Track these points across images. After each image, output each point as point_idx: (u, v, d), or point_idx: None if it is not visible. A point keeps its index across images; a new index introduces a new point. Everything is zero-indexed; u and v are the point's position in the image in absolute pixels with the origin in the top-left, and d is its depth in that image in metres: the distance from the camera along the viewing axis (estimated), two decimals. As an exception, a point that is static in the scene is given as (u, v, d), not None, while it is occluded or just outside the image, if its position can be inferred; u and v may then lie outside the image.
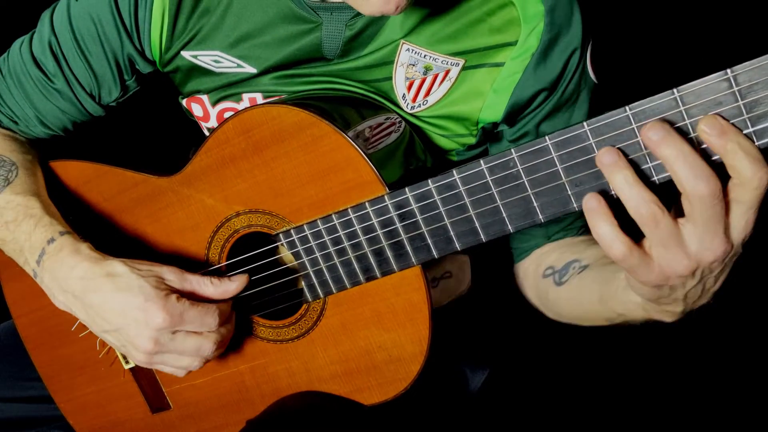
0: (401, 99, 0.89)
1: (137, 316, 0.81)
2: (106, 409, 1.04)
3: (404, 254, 0.79)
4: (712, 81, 0.60)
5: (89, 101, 0.98)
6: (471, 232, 0.75)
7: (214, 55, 0.92)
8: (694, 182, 0.58)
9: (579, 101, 0.88)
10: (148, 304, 0.80)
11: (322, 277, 0.84)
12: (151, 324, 0.80)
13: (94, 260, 0.84)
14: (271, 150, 0.83)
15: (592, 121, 0.66)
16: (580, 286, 0.86)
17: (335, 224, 0.81)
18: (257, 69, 0.91)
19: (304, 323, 0.88)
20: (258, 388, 0.94)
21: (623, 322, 0.81)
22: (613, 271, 0.79)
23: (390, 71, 0.87)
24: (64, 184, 0.98)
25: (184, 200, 0.91)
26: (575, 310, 0.88)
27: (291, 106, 0.81)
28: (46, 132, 1.02)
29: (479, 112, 0.87)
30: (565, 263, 0.90)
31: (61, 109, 0.98)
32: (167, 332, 0.81)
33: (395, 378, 0.85)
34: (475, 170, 0.72)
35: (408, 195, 0.76)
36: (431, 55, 0.85)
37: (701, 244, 0.61)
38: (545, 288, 0.93)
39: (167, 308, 0.80)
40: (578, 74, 0.86)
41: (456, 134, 0.89)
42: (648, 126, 0.60)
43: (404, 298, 0.82)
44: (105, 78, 0.96)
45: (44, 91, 0.97)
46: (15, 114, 1.00)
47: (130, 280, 0.82)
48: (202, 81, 0.96)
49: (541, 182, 0.69)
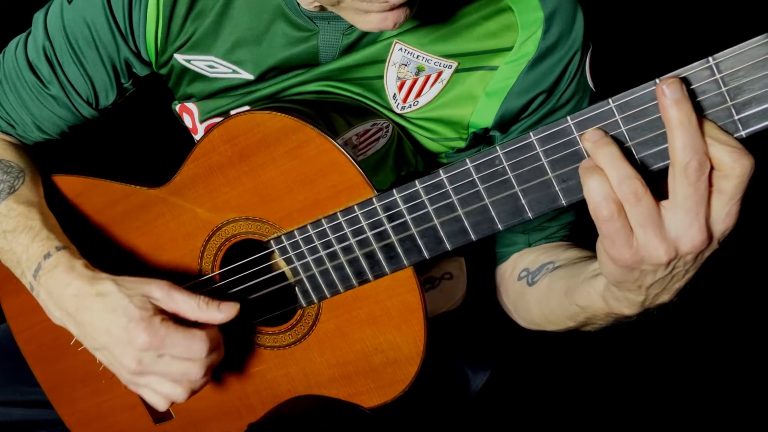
0: (391, 99, 0.88)
1: (121, 336, 0.81)
2: (109, 421, 1.04)
3: (395, 256, 0.78)
4: (694, 69, 0.59)
5: (85, 107, 0.97)
6: (461, 232, 0.74)
7: (208, 61, 0.92)
8: (690, 153, 0.57)
9: (576, 108, 0.86)
10: (131, 324, 0.80)
11: (315, 283, 0.84)
12: (134, 344, 0.80)
13: (86, 279, 0.84)
14: (258, 157, 0.83)
15: (576, 115, 0.65)
16: (549, 284, 0.86)
17: (325, 228, 0.81)
18: (253, 75, 0.91)
19: (300, 329, 0.88)
20: (258, 395, 0.94)
21: (585, 320, 0.79)
22: (582, 266, 0.79)
23: (382, 70, 0.86)
24: (54, 199, 0.97)
25: (175, 210, 0.90)
26: (543, 309, 0.87)
27: (275, 112, 0.81)
28: (42, 137, 1.01)
29: (470, 117, 0.86)
30: (539, 265, 0.90)
31: (58, 115, 0.98)
32: (152, 354, 0.81)
33: (393, 380, 0.85)
34: (462, 169, 0.71)
35: (396, 196, 0.76)
36: (424, 56, 0.84)
37: (680, 230, 0.60)
38: (519, 290, 0.92)
39: (149, 330, 0.80)
40: (576, 81, 0.84)
41: (445, 138, 0.88)
42: (667, 83, 0.58)
43: (398, 300, 0.81)
44: (101, 83, 0.95)
45: (40, 98, 0.96)
46: (12, 118, 0.99)
47: (116, 300, 0.82)
48: (194, 85, 0.95)
49: (527, 179, 0.69)
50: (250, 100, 0.93)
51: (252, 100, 0.93)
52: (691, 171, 0.57)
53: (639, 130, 0.62)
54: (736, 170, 0.56)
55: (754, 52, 0.57)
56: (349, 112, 0.86)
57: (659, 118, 0.61)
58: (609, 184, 0.61)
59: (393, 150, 0.85)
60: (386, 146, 0.84)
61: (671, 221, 0.60)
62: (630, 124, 0.63)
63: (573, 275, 0.80)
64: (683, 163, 0.58)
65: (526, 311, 0.92)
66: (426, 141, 0.89)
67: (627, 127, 0.63)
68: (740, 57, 0.57)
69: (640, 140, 0.63)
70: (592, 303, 0.75)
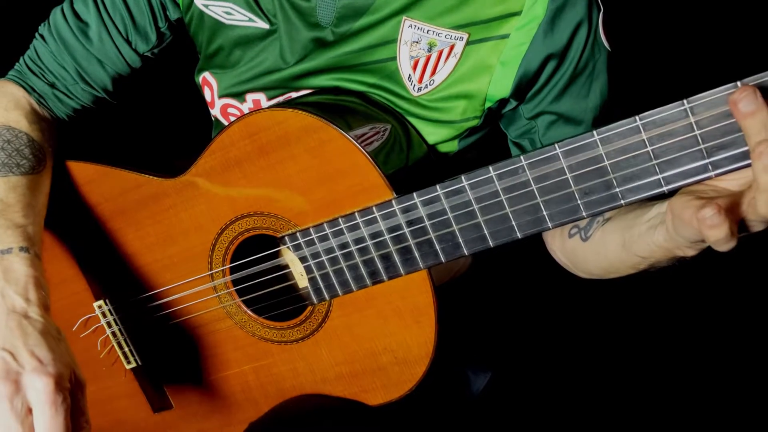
0: (407, 81, 0.88)
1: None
2: (108, 409, 1.04)
3: (411, 259, 0.79)
4: (722, 93, 0.61)
5: (126, 47, 0.98)
6: (479, 238, 0.75)
7: (226, 6, 0.92)
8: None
9: (596, 72, 0.87)
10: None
11: (329, 281, 0.85)
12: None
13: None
14: (277, 153, 0.83)
15: (601, 130, 0.66)
16: (603, 237, 0.84)
17: (342, 228, 0.82)
18: (269, 26, 0.91)
19: (309, 325, 0.89)
20: (262, 389, 0.95)
21: (649, 267, 0.79)
22: (634, 217, 0.78)
23: (394, 51, 0.87)
24: (65, 184, 0.97)
25: (188, 202, 0.90)
26: (602, 262, 0.86)
27: (297, 110, 0.81)
28: (85, 91, 1.00)
29: (487, 88, 0.86)
30: (588, 220, 0.88)
31: (99, 59, 0.98)
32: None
33: (400, 380, 0.86)
34: (484, 176, 0.73)
35: (416, 200, 0.77)
36: (434, 30, 0.84)
37: None
38: (572, 247, 0.91)
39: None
40: (590, 43, 0.84)
41: (462, 118, 0.88)
42: (742, 95, 0.56)
43: (410, 301, 0.82)
44: (141, 23, 0.97)
45: (83, 40, 0.97)
46: (55, 75, 0.99)
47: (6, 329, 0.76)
48: (213, 36, 0.95)
49: (550, 190, 0.70)
50: (263, 84, 0.93)
51: (265, 84, 0.93)
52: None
53: (665, 149, 0.64)
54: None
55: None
56: (351, 115, 0.87)
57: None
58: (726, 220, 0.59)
59: (384, 153, 0.85)
60: (377, 149, 0.84)
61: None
62: (656, 144, 0.64)
63: (626, 227, 0.78)
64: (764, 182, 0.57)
65: (584, 266, 0.91)
66: (438, 135, 0.90)
67: (653, 147, 0.64)
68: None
69: (667, 158, 0.64)
70: (654, 253, 0.74)
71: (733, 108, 0.57)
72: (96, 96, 1.01)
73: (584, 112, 0.88)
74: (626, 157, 0.66)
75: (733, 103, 0.57)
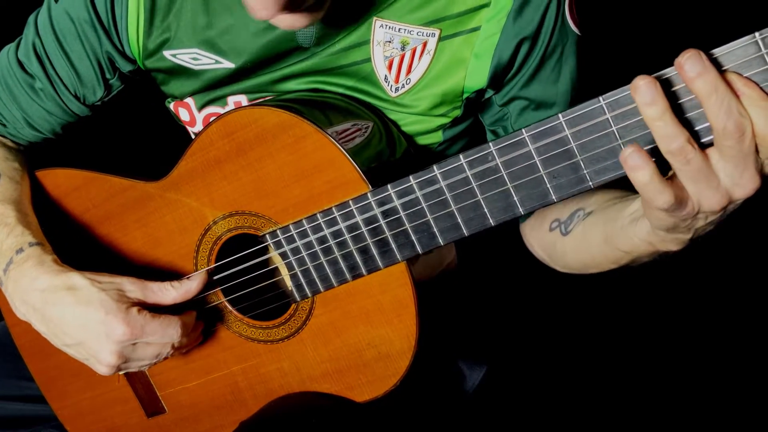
0: (384, 82, 0.88)
1: (98, 330, 0.81)
2: (102, 415, 1.05)
3: (389, 251, 0.80)
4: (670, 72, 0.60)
5: (74, 102, 0.99)
6: (453, 227, 0.75)
7: (191, 53, 0.93)
8: (725, 119, 0.57)
9: (564, 56, 0.87)
10: (108, 317, 0.81)
11: (310, 277, 0.85)
12: (113, 337, 0.81)
13: (55, 273, 0.85)
14: (255, 151, 0.84)
15: (567, 113, 0.66)
16: (584, 231, 0.84)
17: (320, 223, 0.82)
18: (235, 64, 0.91)
19: (294, 323, 0.89)
20: (251, 389, 0.95)
21: (630, 262, 0.78)
22: (617, 210, 0.77)
23: (368, 52, 0.87)
24: (53, 191, 0.99)
25: (171, 204, 0.91)
26: (582, 256, 0.86)
27: (273, 108, 0.82)
28: (34, 135, 1.03)
29: (464, 81, 0.87)
30: (570, 213, 0.88)
31: (47, 110, 1.00)
32: (128, 344, 0.82)
33: (385, 375, 0.86)
34: (455, 165, 0.73)
35: (390, 192, 0.77)
36: (406, 28, 0.85)
37: (731, 179, 0.59)
38: (552, 241, 0.91)
39: (128, 321, 0.81)
40: (558, 27, 0.84)
41: (443, 112, 0.89)
42: (686, 57, 0.56)
43: (391, 295, 0.82)
44: (88, 77, 0.98)
45: (30, 93, 0.98)
46: (4, 117, 1.02)
47: (90, 294, 0.82)
48: (183, 83, 0.96)
49: (519, 175, 0.70)
50: (243, 88, 0.94)
51: (245, 88, 0.94)
52: (732, 134, 0.57)
53: (629, 128, 0.64)
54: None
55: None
56: (333, 111, 0.87)
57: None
58: (659, 175, 0.60)
59: (367, 148, 0.85)
60: (359, 146, 0.84)
61: (720, 172, 0.60)
62: (620, 123, 0.64)
63: (608, 221, 0.78)
64: (724, 130, 0.57)
65: (563, 261, 0.91)
66: (421, 126, 0.90)
67: (617, 126, 0.64)
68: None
69: (631, 138, 0.64)
70: (636, 247, 0.74)
71: (680, 71, 0.57)
72: (46, 138, 1.03)
73: (555, 97, 0.88)
74: (591, 138, 0.66)
75: (679, 67, 0.57)
